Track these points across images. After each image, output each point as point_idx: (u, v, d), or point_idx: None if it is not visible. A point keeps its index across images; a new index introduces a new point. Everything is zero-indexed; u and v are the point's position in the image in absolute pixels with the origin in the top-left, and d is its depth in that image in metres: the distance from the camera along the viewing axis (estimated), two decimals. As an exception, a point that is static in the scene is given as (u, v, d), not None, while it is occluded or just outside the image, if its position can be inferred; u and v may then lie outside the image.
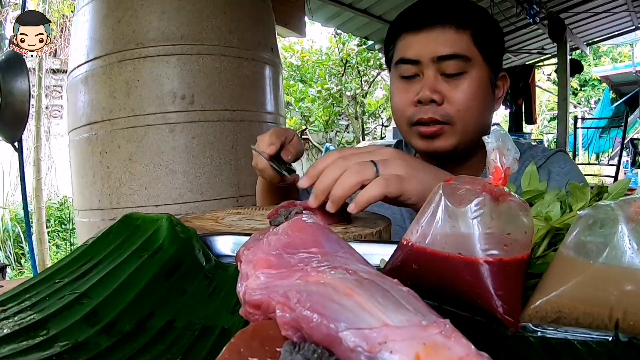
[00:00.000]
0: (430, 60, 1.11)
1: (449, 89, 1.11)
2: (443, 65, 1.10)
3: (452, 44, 1.10)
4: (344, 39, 12.48)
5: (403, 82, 1.17)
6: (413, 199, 0.83)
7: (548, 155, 1.22)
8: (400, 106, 1.18)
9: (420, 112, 1.13)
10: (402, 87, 1.17)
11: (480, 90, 1.12)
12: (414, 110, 1.14)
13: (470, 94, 1.11)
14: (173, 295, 0.54)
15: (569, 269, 0.45)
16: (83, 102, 2.05)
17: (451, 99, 1.11)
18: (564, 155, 1.23)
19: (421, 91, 1.11)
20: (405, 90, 1.16)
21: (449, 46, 1.10)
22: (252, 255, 0.43)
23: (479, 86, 1.12)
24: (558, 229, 0.57)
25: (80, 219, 2.22)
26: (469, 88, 1.11)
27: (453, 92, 1.11)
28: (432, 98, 1.10)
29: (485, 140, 0.51)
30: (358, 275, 0.37)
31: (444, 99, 1.11)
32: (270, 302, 0.38)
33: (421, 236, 0.49)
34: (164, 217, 0.67)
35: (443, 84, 1.11)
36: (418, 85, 1.13)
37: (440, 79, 1.11)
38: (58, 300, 0.50)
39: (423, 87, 1.11)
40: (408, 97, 1.15)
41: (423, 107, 1.12)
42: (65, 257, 0.61)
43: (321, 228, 0.47)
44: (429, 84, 1.11)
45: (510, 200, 0.48)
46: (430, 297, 0.47)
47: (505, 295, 0.45)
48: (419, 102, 1.13)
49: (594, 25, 8.40)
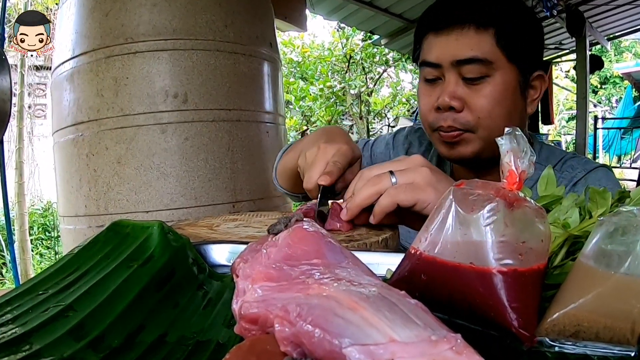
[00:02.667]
0: (450, 64, 1.11)
1: (469, 95, 1.11)
2: (463, 69, 1.10)
3: (471, 47, 1.09)
4: (348, 34, 12.47)
5: (426, 85, 1.19)
6: (429, 208, 0.84)
7: (589, 169, 1.19)
8: (424, 111, 1.20)
9: (440, 119, 1.14)
10: (426, 91, 1.19)
11: (505, 95, 1.12)
12: (435, 116, 1.16)
13: (493, 100, 1.10)
14: (164, 307, 0.54)
15: (588, 279, 0.45)
16: (68, 101, 2.05)
17: (472, 106, 1.11)
18: (606, 172, 1.21)
19: (440, 97, 1.12)
20: (428, 94, 1.18)
21: (468, 49, 1.09)
22: (250, 270, 0.43)
23: (503, 91, 1.11)
24: (577, 237, 0.57)
25: (65, 226, 2.21)
26: (491, 93, 1.10)
27: (474, 98, 1.11)
28: (450, 105, 1.11)
29: (499, 142, 0.51)
30: (363, 287, 0.37)
31: (464, 106, 1.11)
32: (268, 316, 0.38)
33: (430, 244, 0.49)
34: (155, 224, 0.67)
35: (464, 88, 1.11)
36: (440, 90, 1.14)
37: (461, 84, 1.12)
38: (42, 313, 0.50)
39: (442, 93, 1.12)
40: (430, 102, 1.17)
41: (443, 114, 1.14)
42: (49, 267, 0.61)
43: (323, 237, 0.47)
44: (448, 90, 1.11)
45: (525, 206, 0.48)
46: (440, 310, 0.47)
47: (520, 308, 0.45)
48: (438, 108, 1.14)
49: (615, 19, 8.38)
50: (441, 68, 1.13)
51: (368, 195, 0.88)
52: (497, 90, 1.10)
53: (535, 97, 1.21)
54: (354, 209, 0.89)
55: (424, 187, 0.86)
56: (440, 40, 1.13)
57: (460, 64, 1.10)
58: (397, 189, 0.86)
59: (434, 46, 1.14)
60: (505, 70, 1.11)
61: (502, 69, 1.11)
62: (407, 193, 0.85)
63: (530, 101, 1.20)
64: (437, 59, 1.13)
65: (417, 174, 0.88)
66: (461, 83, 1.12)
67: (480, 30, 1.10)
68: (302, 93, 12.60)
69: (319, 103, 12.77)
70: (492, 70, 1.10)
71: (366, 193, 0.88)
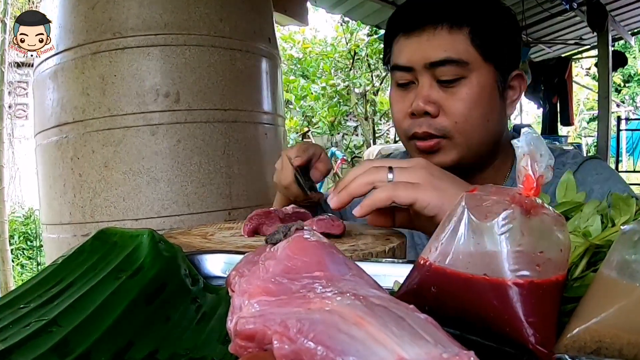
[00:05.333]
0: (423, 66, 1.12)
1: (445, 98, 1.12)
2: (437, 71, 1.11)
3: (445, 48, 1.10)
4: (352, 28, 12.49)
5: (399, 90, 1.20)
6: (429, 209, 0.84)
7: (579, 162, 1.21)
8: (397, 118, 1.21)
9: (415, 125, 1.15)
10: (398, 96, 1.20)
11: (482, 97, 1.13)
12: (410, 123, 1.16)
13: (470, 103, 1.11)
14: (155, 322, 0.54)
15: (611, 292, 0.45)
16: (52, 100, 2.06)
17: (447, 110, 1.12)
18: (598, 161, 1.23)
19: (414, 102, 1.13)
20: (401, 100, 1.19)
21: (441, 50, 1.10)
22: (247, 284, 0.43)
23: (480, 92, 1.12)
24: (598, 247, 0.57)
25: (48, 235, 2.22)
26: (468, 96, 1.11)
27: (449, 102, 1.12)
28: (425, 110, 1.12)
29: (515, 145, 0.51)
30: (368, 300, 0.37)
31: (439, 110, 1.12)
32: (266, 332, 0.38)
33: (441, 255, 0.50)
34: (144, 233, 0.67)
35: (439, 92, 1.12)
36: (413, 94, 1.15)
37: (435, 87, 1.13)
38: (23, 328, 0.50)
39: (416, 98, 1.13)
40: (404, 108, 1.17)
41: (417, 120, 1.14)
42: (31, 279, 0.61)
43: (325, 247, 0.47)
44: (422, 94, 1.12)
45: (543, 213, 0.48)
46: (452, 325, 0.47)
47: (537, 323, 0.45)
48: (412, 114, 1.14)
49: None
50: (414, 71, 1.14)
51: (361, 184, 0.89)
52: (473, 92, 1.11)
53: (515, 97, 1.22)
54: (344, 195, 0.89)
55: (424, 186, 0.86)
56: (412, 42, 1.14)
57: (433, 66, 1.11)
58: (396, 185, 0.86)
59: (405, 48, 1.15)
60: (482, 70, 1.12)
61: (478, 69, 1.12)
62: (406, 190, 0.85)
63: (509, 102, 1.21)
64: (409, 62, 1.14)
65: (418, 172, 0.88)
66: (435, 86, 1.12)
67: (454, 29, 1.11)
68: (303, 92, 12.61)
69: (321, 103, 12.79)
70: (467, 71, 1.11)
71: (360, 182, 0.89)
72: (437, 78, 1.12)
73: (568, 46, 9.66)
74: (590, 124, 18.05)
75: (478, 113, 1.12)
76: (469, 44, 1.10)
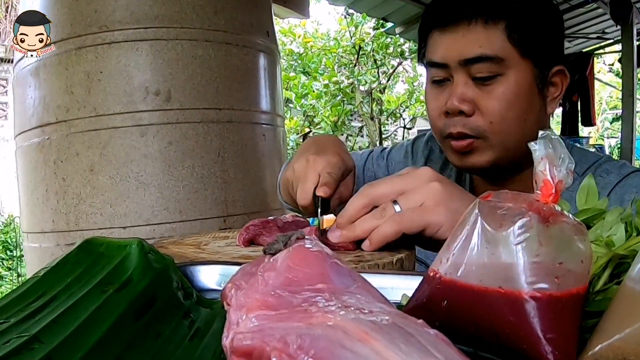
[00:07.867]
0: (457, 63, 1.13)
1: (480, 96, 1.13)
2: (472, 68, 1.12)
3: (480, 43, 1.11)
4: (357, 21, 12.49)
5: (434, 87, 1.22)
6: (441, 232, 0.85)
7: (624, 174, 1.18)
8: (432, 116, 1.23)
9: (450, 124, 1.17)
10: (434, 94, 1.22)
11: (519, 95, 1.13)
12: (445, 122, 1.18)
13: (506, 102, 1.12)
14: (145, 339, 0.54)
15: (636, 306, 0.45)
16: (33, 98, 2.06)
17: (483, 109, 1.13)
18: None
19: (449, 100, 1.14)
20: (436, 98, 1.20)
21: (476, 46, 1.11)
22: (245, 298, 0.43)
23: (517, 90, 1.13)
24: (622, 257, 0.57)
25: (29, 244, 2.22)
26: (504, 95, 1.12)
27: (485, 101, 1.13)
28: (459, 109, 1.13)
29: (532, 147, 0.51)
30: (374, 315, 0.38)
31: (474, 109, 1.13)
32: (264, 348, 0.38)
33: (452, 266, 0.50)
34: (133, 243, 0.67)
35: (474, 90, 1.13)
36: (448, 92, 1.16)
37: (471, 85, 1.14)
38: (3, 345, 0.50)
39: (451, 96, 1.14)
40: (439, 105, 1.19)
41: (452, 119, 1.16)
42: (11, 292, 0.61)
43: (329, 258, 0.47)
44: (457, 92, 1.14)
45: (563, 221, 0.48)
46: (464, 342, 0.48)
47: (556, 339, 0.45)
48: (447, 112, 1.16)
49: (667, 3, 8.38)
50: (448, 68, 1.15)
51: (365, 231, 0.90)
52: (510, 91, 1.12)
53: (556, 95, 1.22)
54: (349, 236, 0.91)
55: (433, 208, 0.87)
56: (446, 38, 1.15)
57: (468, 63, 1.12)
58: (403, 215, 0.87)
59: (439, 44, 1.17)
60: (519, 67, 1.13)
61: (515, 66, 1.12)
62: (414, 219, 0.86)
63: (550, 100, 1.22)
64: (443, 59, 1.15)
65: (424, 193, 0.89)
66: (471, 84, 1.14)
67: (489, 24, 1.11)
68: (304, 90, 12.61)
69: (324, 101, 12.77)
70: (504, 68, 1.12)
71: (364, 228, 0.89)
72: (472, 75, 1.13)
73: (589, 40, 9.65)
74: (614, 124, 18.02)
75: (515, 113, 1.13)
76: (505, 40, 1.11)
